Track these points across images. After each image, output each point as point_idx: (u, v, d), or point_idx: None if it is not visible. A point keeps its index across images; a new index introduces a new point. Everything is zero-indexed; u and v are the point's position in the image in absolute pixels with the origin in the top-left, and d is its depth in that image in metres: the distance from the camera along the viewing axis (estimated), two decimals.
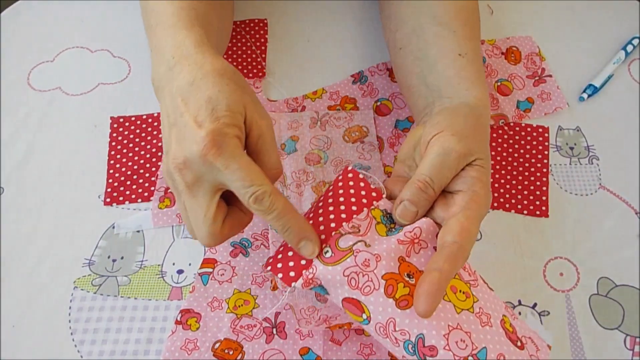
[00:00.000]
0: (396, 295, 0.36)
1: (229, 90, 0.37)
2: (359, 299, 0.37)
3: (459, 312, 0.36)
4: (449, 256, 0.35)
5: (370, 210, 0.39)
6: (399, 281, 0.36)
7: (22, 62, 0.63)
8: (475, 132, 0.41)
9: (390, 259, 0.37)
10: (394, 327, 0.36)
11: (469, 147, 0.39)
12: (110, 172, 0.56)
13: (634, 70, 0.63)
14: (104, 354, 0.46)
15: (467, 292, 0.38)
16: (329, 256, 0.37)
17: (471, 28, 0.51)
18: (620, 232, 0.53)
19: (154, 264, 0.51)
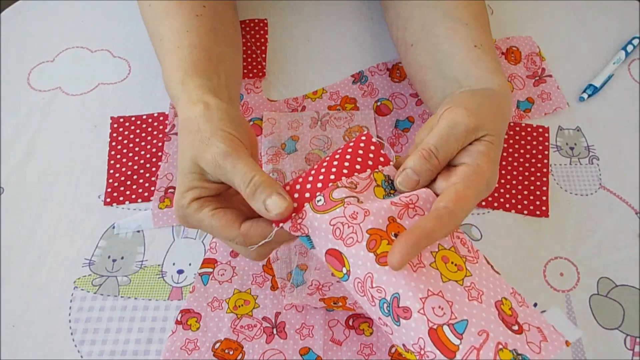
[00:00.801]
0: (377, 251, 0.35)
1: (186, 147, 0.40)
2: (340, 250, 0.36)
3: (444, 281, 0.35)
4: (435, 217, 0.35)
5: (374, 172, 0.39)
6: (384, 238, 0.35)
7: (22, 62, 0.63)
8: (490, 110, 0.41)
9: (379, 216, 0.36)
10: (371, 284, 0.35)
11: (478, 122, 0.39)
12: (110, 172, 0.56)
13: (634, 71, 0.63)
14: (104, 354, 0.46)
15: (460, 265, 0.36)
16: (320, 204, 0.37)
17: (482, 21, 0.51)
18: (620, 232, 0.53)
19: (154, 264, 0.51)
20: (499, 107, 0.43)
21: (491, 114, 0.41)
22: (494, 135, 0.40)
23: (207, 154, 0.38)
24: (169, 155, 0.56)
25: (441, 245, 0.37)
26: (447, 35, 0.49)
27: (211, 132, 0.39)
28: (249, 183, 0.37)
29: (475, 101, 0.42)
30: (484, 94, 0.44)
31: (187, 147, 0.40)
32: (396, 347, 0.35)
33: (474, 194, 0.37)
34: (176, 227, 0.53)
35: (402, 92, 0.61)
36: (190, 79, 0.45)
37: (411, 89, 0.61)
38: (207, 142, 0.39)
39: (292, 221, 0.37)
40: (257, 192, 0.37)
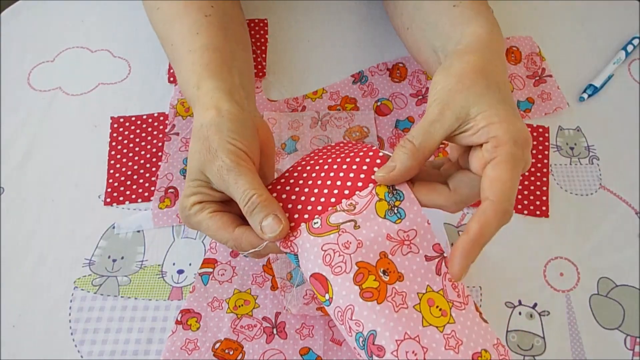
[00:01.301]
0: (363, 285, 0.35)
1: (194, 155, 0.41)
2: (327, 276, 0.36)
3: (424, 325, 0.35)
4: (478, 215, 0.35)
5: (376, 186, 0.38)
6: (371, 273, 0.36)
7: (22, 62, 0.63)
8: (458, 83, 0.39)
9: (371, 250, 0.36)
10: (351, 315, 0.35)
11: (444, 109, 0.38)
12: (110, 172, 0.56)
13: (634, 71, 0.63)
14: (104, 354, 0.46)
15: (445, 311, 0.36)
16: (317, 227, 0.37)
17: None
18: (620, 232, 0.53)
19: (154, 264, 0.51)
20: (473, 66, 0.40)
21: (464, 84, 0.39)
22: (478, 101, 0.38)
23: (213, 165, 0.39)
24: (169, 155, 0.56)
25: (430, 287, 0.37)
26: (432, 9, 0.49)
27: (218, 144, 0.40)
28: (248, 201, 0.38)
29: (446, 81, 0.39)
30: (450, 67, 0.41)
31: (195, 153, 0.41)
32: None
33: (505, 168, 0.35)
34: (176, 227, 0.53)
35: (402, 92, 0.61)
36: (205, 82, 0.45)
37: (411, 89, 0.61)
38: (214, 153, 0.40)
39: (285, 238, 0.38)
40: (254, 211, 0.38)
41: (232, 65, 0.47)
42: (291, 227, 0.38)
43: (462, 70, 0.40)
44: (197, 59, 0.46)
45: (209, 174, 0.40)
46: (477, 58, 0.41)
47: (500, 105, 0.38)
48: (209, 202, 0.41)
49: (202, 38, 0.48)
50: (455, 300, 0.37)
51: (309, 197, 0.39)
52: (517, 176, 0.36)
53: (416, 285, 0.36)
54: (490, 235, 0.35)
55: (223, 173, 0.39)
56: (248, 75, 0.50)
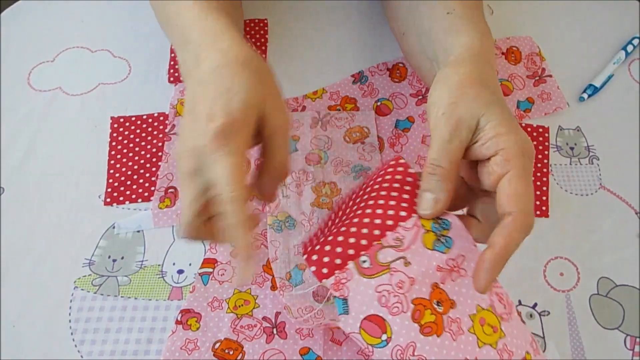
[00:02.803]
0: (421, 321, 0.36)
1: (248, 82, 0.37)
2: (385, 317, 0.36)
3: (480, 346, 0.36)
4: (501, 229, 0.35)
5: (420, 217, 0.37)
6: (427, 307, 0.36)
7: (22, 62, 0.63)
8: (463, 95, 0.38)
9: (423, 284, 0.37)
10: (413, 352, 0.35)
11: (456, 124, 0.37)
12: (110, 172, 0.56)
13: (634, 71, 0.63)
14: (104, 354, 0.46)
15: (495, 326, 0.37)
16: (366, 267, 0.36)
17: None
18: (620, 232, 0.53)
19: (154, 264, 0.51)
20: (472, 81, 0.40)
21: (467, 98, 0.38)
22: (487, 114, 0.37)
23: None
24: (169, 155, 0.56)
25: (479, 306, 0.37)
26: (427, 13, 0.49)
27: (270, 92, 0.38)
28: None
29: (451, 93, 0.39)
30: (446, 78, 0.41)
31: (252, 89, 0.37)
32: None
33: (520, 179, 0.35)
34: (176, 227, 0.53)
35: (402, 92, 0.61)
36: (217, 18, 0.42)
37: (411, 89, 0.61)
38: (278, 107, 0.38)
39: (336, 279, 0.37)
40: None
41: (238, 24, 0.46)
42: (338, 264, 0.37)
43: (462, 82, 0.39)
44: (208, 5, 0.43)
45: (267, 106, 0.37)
46: (472, 69, 0.41)
47: (505, 115, 0.38)
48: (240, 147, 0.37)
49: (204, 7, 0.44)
50: (503, 313, 0.38)
51: (351, 229, 0.37)
52: (532, 187, 0.36)
53: (467, 308, 0.37)
54: (514, 249, 0.35)
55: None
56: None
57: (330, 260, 0.37)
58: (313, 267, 0.37)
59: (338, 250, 0.37)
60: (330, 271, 0.37)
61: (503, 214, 0.35)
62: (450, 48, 0.44)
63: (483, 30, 0.46)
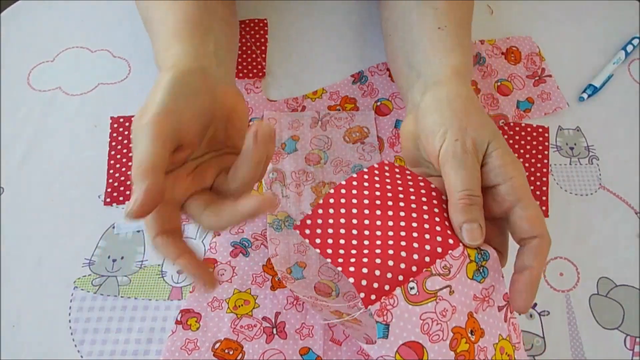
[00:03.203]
0: (457, 349, 0.36)
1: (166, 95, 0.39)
2: (424, 344, 0.36)
3: None
4: (533, 253, 0.37)
5: (466, 246, 0.38)
6: (463, 336, 0.37)
7: (22, 62, 0.63)
8: (469, 119, 0.40)
9: (462, 313, 0.37)
10: None
11: (473, 150, 0.39)
12: (110, 172, 0.56)
13: (634, 71, 0.63)
14: (104, 354, 0.47)
15: (511, 355, 0.38)
16: (414, 294, 0.36)
17: (456, 2, 0.50)
18: (620, 232, 0.53)
19: (154, 264, 0.51)
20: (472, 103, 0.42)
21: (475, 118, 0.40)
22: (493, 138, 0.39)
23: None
24: None
25: (501, 335, 0.38)
26: (417, 21, 0.49)
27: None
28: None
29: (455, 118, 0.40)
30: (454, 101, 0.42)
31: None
32: None
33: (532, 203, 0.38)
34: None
35: None
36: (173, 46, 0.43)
37: None
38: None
39: (381, 305, 0.36)
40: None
41: (207, 34, 0.46)
42: (386, 291, 0.36)
43: (466, 108, 0.41)
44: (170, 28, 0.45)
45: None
46: (469, 95, 0.43)
47: (505, 144, 0.40)
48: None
49: (178, 13, 0.46)
50: (516, 343, 0.39)
51: (399, 252, 0.37)
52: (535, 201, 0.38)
53: (492, 337, 0.38)
54: (542, 272, 0.38)
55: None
56: (226, 47, 0.49)
57: (380, 285, 0.36)
58: (362, 294, 0.36)
59: (388, 276, 0.36)
60: (377, 298, 0.36)
61: (526, 237, 0.37)
62: (437, 66, 0.45)
63: (469, 52, 0.48)
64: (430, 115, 0.42)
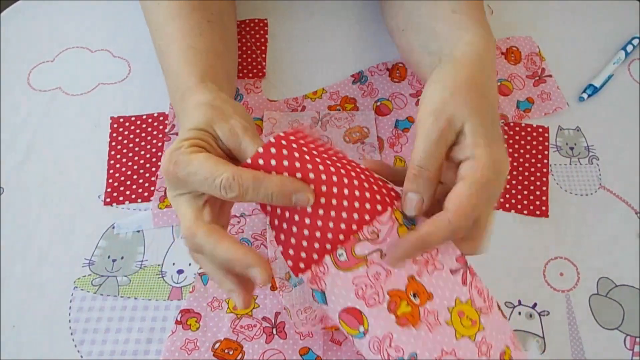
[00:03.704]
0: (397, 312, 0.36)
1: (197, 114, 0.39)
2: (361, 309, 0.36)
3: (458, 338, 0.37)
4: (432, 220, 0.36)
5: (394, 211, 0.38)
6: (403, 298, 0.37)
7: (22, 62, 0.63)
8: (456, 95, 0.39)
9: (400, 276, 0.37)
10: (390, 343, 0.36)
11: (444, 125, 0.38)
12: (110, 172, 0.56)
13: (634, 71, 0.63)
14: (104, 354, 0.47)
15: (474, 320, 0.38)
16: (343, 260, 0.37)
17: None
18: (620, 232, 0.53)
19: (154, 264, 0.51)
20: (466, 80, 0.41)
21: (458, 97, 0.39)
22: (470, 120, 0.38)
23: (226, 122, 0.38)
24: None
25: (459, 299, 0.38)
26: (429, 12, 0.49)
27: (233, 112, 0.39)
28: None
29: (437, 94, 0.40)
30: (444, 75, 0.42)
31: (202, 114, 0.39)
32: None
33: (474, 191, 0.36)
34: (176, 227, 0.53)
35: (402, 92, 0.61)
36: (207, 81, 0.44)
37: (411, 89, 0.61)
38: (227, 116, 0.38)
39: (312, 273, 0.37)
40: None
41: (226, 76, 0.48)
42: (315, 259, 0.37)
43: (458, 83, 0.40)
44: (202, 57, 0.46)
45: (219, 127, 0.37)
46: (472, 70, 0.42)
47: (489, 127, 0.38)
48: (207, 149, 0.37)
49: (205, 40, 0.48)
50: (482, 307, 0.38)
51: (327, 223, 0.37)
52: (484, 201, 0.36)
53: (445, 300, 0.37)
54: (433, 244, 0.36)
55: (239, 129, 0.37)
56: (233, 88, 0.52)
57: (308, 255, 0.37)
58: (290, 262, 0.37)
59: (315, 246, 0.37)
60: (307, 266, 0.37)
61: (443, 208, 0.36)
62: (456, 42, 0.45)
63: (486, 29, 0.47)
64: (428, 87, 0.41)
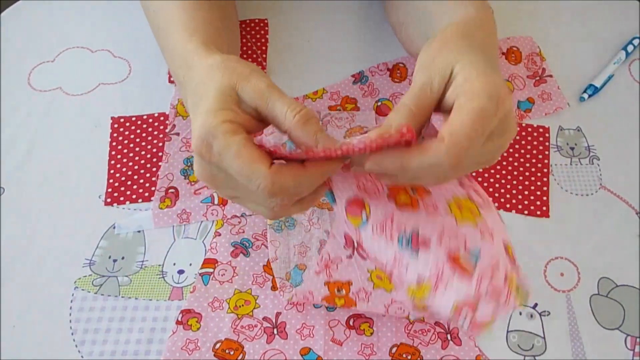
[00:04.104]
0: (397, 200, 0.37)
1: (216, 78, 0.37)
2: (363, 198, 0.38)
3: (459, 224, 0.37)
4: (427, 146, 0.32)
5: None
6: (401, 191, 0.38)
7: (22, 62, 0.63)
8: (443, 47, 0.38)
9: None
10: (391, 222, 0.36)
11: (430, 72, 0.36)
12: (110, 172, 0.56)
13: (634, 71, 0.63)
14: (105, 354, 0.46)
15: (474, 210, 0.37)
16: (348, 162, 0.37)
17: None
18: (620, 232, 0.53)
19: (155, 264, 0.51)
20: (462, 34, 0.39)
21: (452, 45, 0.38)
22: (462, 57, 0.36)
23: (248, 82, 0.36)
24: (169, 155, 0.56)
25: (456, 195, 0.38)
26: (429, 2, 0.49)
27: (251, 70, 0.37)
28: (300, 110, 0.34)
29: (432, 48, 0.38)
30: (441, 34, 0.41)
31: (220, 77, 0.36)
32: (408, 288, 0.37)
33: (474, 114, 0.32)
34: (176, 227, 0.53)
35: (402, 92, 0.61)
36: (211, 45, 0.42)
37: None
38: (246, 76, 0.36)
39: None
40: (309, 122, 0.34)
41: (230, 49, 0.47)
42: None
43: (445, 36, 0.39)
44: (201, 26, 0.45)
45: (242, 90, 0.35)
46: (461, 25, 0.41)
47: (482, 62, 0.36)
48: (240, 126, 0.34)
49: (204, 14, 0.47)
50: (480, 202, 0.39)
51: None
52: (481, 129, 0.32)
53: (443, 196, 0.38)
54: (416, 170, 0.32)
55: (263, 88, 0.35)
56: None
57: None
58: None
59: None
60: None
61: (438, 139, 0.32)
62: (452, 15, 0.45)
63: (487, 7, 0.46)
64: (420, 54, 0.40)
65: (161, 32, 0.49)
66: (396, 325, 0.47)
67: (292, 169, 0.34)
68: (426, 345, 0.47)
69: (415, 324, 0.48)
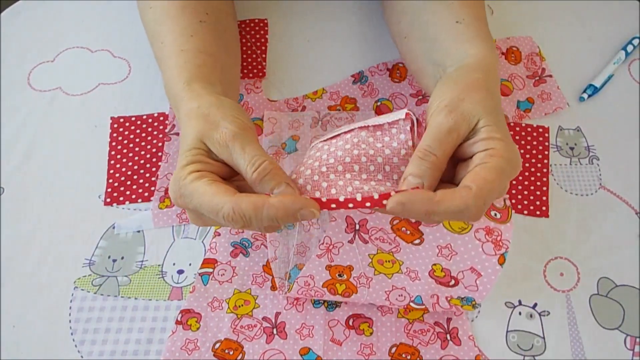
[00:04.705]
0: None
1: (189, 130, 0.40)
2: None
3: (390, 278, 0.45)
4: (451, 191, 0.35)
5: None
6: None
7: (22, 62, 0.63)
8: (470, 94, 0.40)
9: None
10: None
11: (458, 117, 0.38)
12: (110, 172, 0.56)
13: (634, 71, 0.63)
14: (104, 354, 0.47)
15: (392, 260, 0.44)
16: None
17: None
18: (620, 232, 0.53)
19: (154, 264, 0.51)
20: (479, 83, 0.41)
21: (473, 96, 0.40)
22: (485, 118, 0.38)
23: (215, 133, 0.38)
24: (169, 155, 0.56)
25: (371, 254, 0.44)
26: (433, 20, 0.49)
27: (222, 116, 0.39)
28: (259, 167, 0.36)
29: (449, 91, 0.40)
30: (457, 77, 0.43)
31: (192, 128, 0.39)
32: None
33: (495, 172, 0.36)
34: (176, 227, 0.53)
35: (402, 92, 0.61)
36: (196, 82, 0.44)
37: (411, 89, 0.61)
38: (216, 123, 0.38)
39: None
40: (266, 178, 0.36)
41: (222, 74, 0.48)
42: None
43: (471, 85, 0.41)
44: (190, 59, 0.46)
45: (209, 141, 0.38)
46: (483, 77, 0.42)
47: (502, 125, 0.39)
48: (207, 172, 0.38)
49: (196, 41, 0.48)
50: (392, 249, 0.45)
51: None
52: (500, 185, 0.36)
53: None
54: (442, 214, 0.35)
55: (228, 139, 0.37)
56: (234, 88, 0.51)
57: None
58: None
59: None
60: None
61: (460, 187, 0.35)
62: (460, 56, 0.46)
63: (490, 43, 0.48)
64: (438, 89, 0.42)
65: (157, 59, 0.51)
66: (396, 325, 0.48)
67: (252, 198, 0.35)
68: (426, 345, 0.47)
69: (414, 324, 0.48)
